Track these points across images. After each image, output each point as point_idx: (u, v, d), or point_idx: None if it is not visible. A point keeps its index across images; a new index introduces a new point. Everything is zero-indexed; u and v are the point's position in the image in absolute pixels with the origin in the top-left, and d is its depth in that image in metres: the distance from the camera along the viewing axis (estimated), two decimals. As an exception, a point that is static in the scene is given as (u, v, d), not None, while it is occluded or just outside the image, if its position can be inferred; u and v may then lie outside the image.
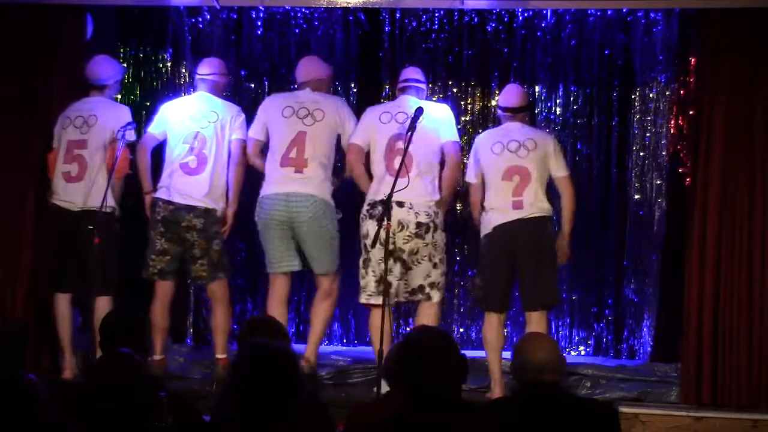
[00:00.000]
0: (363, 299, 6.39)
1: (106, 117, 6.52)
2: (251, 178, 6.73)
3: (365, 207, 6.36)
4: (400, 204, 6.20)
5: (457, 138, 6.46)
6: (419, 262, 6.30)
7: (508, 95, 6.51)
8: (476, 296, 6.59)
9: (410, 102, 6.38)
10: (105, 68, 6.69)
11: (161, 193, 6.49)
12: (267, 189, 6.45)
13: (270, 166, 6.46)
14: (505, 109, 6.45)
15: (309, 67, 6.61)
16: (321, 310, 6.50)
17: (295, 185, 6.35)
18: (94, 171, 6.43)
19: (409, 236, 6.25)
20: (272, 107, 6.55)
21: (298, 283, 7.15)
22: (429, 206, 6.30)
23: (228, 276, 6.62)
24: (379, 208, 6.08)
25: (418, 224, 6.25)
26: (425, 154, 6.32)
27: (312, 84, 6.54)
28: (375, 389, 5.66)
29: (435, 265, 6.34)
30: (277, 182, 6.40)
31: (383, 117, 6.42)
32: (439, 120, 6.41)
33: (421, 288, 6.34)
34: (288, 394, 3.28)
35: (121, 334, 4.33)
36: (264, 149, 6.51)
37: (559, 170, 6.38)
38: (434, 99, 7.10)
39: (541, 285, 6.23)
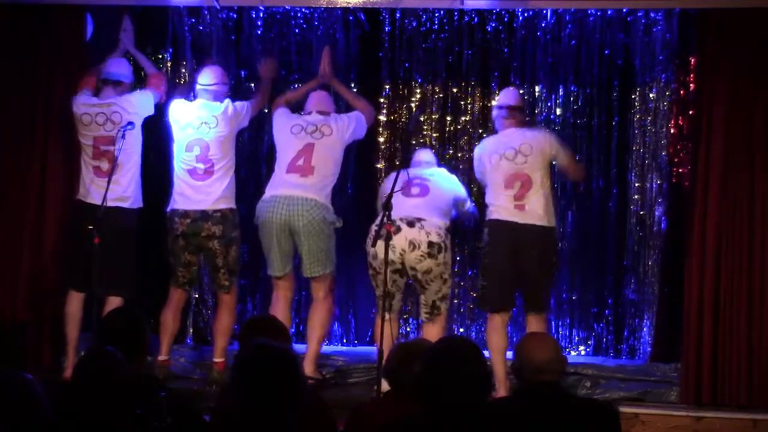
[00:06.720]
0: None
1: (129, 111, 6.55)
2: (255, 183, 6.71)
3: (373, 227, 6.31)
4: (411, 224, 6.24)
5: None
6: (432, 282, 6.34)
7: (507, 95, 6.61)
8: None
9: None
10: (122, 66, 6.78)
11: (175, 205, 6.53)
12: (267, 192, 6.54)
13: (275, 174, 6.59)
14: (500, 108, 6.52)
15: (319, 102, 6.76)
16: (317, 322, 6.52)
17: (296, 189, 6.41)
18: (122, 167, 6.44)
19: (422, 256, 6.27)
20: (280, 123, 6.71)
21: (298, 283, 7.14)
22: (440, 226, 6.33)
23: (237, 284, 6.73)
24: (383, 230, 5.79)
25: (430, 244, 6.27)
26: (441, 199, 6.52)
27: (318, 112, 6.73)
28: (375, 389, 5.67)
29: (445, 281, 6.43)
30: (279, 186, 6.48)
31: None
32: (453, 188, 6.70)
33: (434, 304, 6.41)
34: (288, 394, 3.28)
35: (120, 333, 4.33)
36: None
37: (565, 159, 6.46)
38: (434, 98, 7.10)
39: (536, 292, 6.31)
